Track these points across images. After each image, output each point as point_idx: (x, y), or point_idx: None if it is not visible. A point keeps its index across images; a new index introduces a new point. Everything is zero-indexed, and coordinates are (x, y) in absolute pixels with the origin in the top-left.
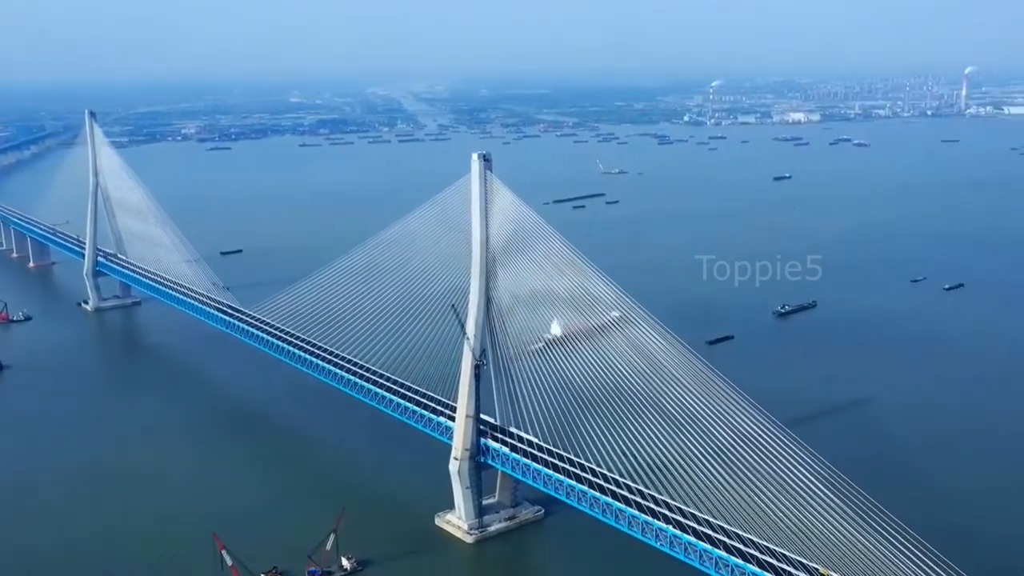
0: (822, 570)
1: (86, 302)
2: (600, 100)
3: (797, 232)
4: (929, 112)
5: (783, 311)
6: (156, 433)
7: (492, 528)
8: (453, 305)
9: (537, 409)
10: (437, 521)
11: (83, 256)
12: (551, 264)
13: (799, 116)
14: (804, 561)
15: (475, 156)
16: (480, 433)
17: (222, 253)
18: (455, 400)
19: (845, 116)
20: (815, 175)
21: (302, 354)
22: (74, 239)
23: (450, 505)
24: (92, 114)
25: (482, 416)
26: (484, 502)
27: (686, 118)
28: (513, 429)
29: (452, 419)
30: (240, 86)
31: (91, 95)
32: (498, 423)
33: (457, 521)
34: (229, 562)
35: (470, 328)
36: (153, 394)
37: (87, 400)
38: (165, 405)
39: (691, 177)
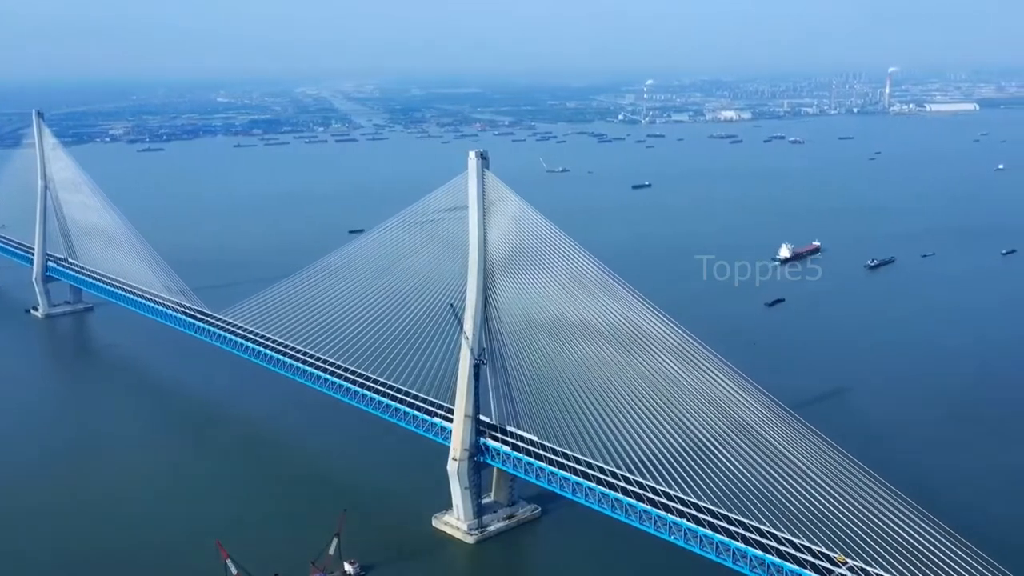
0: (839, 557)
1: (35, 308)
2: (533, 99)
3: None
4: (855, 110)
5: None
6: (143, 440)
7: (491, 528)
8: (451, 304)
9: (533, 406)
10: (434, 522)
11: (29, 261)
12: (548, 262)
13: (731, 114)
14: (824, 551)
15: (472, 154)
16: (478, 433)
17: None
18: (449, 401)
19: (775, 114)
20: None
21: (287, 359)
22: (18, 244)
23: (444, 506)
24: (40, 114)
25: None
26: (481, 502)
27: (621, 116)
28: (512, 428)
29: (448, 420)
30: (164, 85)
31: (6, 94)
32: (495, 422)
33: (455, 522)
34: (234, 571)
35: (468, 327)
36: (129, 400)
37: (61, 407)
38: (145, 411)
39: (647, 175)
